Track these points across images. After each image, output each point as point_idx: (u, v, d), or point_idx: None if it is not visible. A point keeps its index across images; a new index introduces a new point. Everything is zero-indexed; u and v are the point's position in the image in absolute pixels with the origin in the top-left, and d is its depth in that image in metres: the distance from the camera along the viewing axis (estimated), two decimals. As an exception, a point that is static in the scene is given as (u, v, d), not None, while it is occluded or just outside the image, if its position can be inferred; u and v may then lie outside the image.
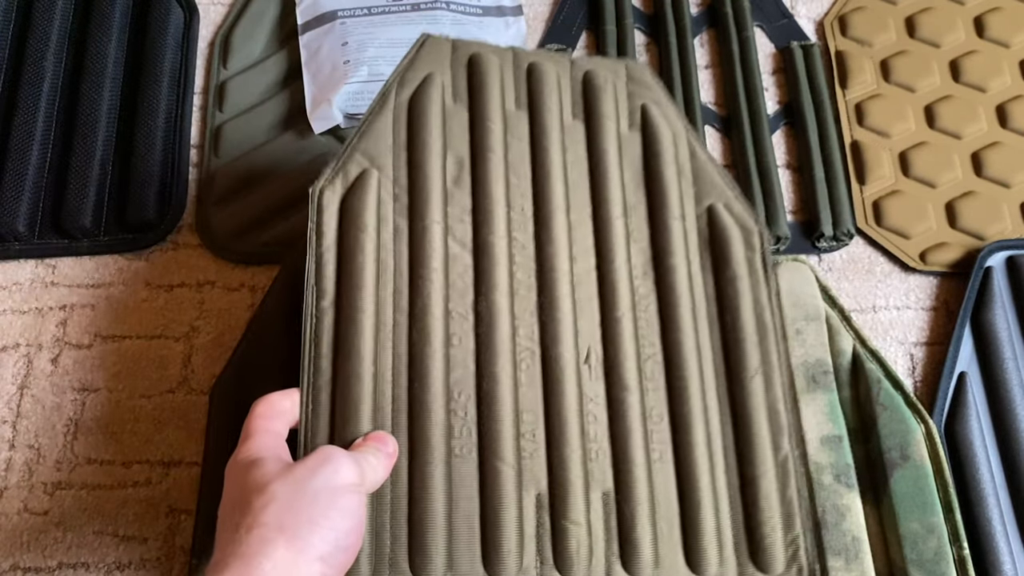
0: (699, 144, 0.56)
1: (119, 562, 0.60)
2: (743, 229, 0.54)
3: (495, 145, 0.53)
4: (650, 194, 0.55)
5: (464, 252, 0.51)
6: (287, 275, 0.66)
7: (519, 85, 0.56)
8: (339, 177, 0.51)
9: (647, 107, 0.57)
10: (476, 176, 0.53)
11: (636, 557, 0.47)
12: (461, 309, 0.50)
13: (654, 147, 0.55)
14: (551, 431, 0.48)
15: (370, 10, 0.79)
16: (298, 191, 0.72)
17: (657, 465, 0.49)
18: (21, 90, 0.75)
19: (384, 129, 0.53)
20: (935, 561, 0.56)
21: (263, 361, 0.63)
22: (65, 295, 0.69)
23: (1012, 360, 0.64)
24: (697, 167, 0.56)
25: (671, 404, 0.50)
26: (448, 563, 0.45)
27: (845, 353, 0.64)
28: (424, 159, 0.52)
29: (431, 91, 0.54)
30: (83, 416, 0.64)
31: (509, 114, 0.55)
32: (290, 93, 0.77)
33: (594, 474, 0.48)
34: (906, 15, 0.81)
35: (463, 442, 0.47)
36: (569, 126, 0.56)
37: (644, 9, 0.83)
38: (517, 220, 0.52)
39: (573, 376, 0.49)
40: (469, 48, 0.56)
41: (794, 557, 0.48)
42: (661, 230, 0.53)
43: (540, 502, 0.47)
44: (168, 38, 0.79)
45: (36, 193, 0.72)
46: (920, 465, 0.59)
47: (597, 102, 0.56)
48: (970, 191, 0.72)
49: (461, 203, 0.52)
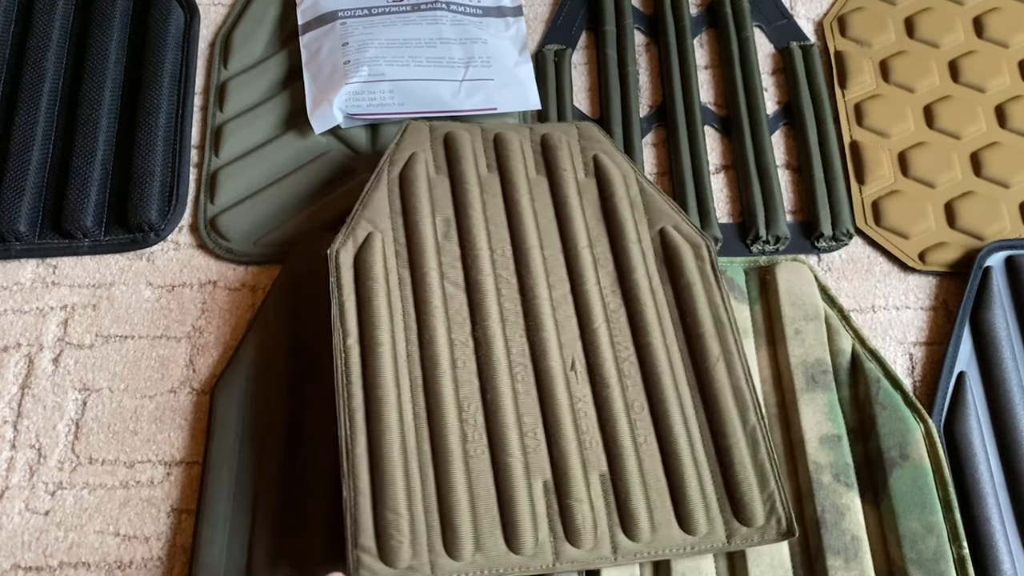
0: (646, 180, 0.67)
1: (120, 562, 0.60)
2: (692, 245, 0.64)
3: (474, 203, 0.64)
4: (609, 226, 0.65)
5: (458, 291, 0.61)
6: (288, 275, 0.67)
7: (488, 152, 0.67)
8: (350, 239, 0.62)
9: (598, 156, 0.67)
10: (461, 229, 0.63)
11: (634, 525, 0.55)
12: (462, 338, 0.59)
13: (608, 188, 0.66)
14: (549, 428, 0.57)
15: (370, 10, 0.80)
16: (299, 191, 0.72)
17: (643, 447, 0.57)
18: (22, 90, 0.75)
19: (382, 200, 0.64)
20: (934, 560, 0.56)
21: (264, 361, 0.63)
22: (66, 295, 0.69)
23: (1011, 360, 0.64)
24: (647, 199, 0.66)
25: (649, 395, 0.59)
26: (476, 544, 0.53)
27: (844, 353, 0.64)
28: (417, 220, 0.63)
29: (417, 166, 0.65)
30: (84, 416, 0.65)
31: (483, 177, 0.66)
32: (290, 93, 0.77)
33: (590, 460, 0.56)
34: (905, 15, 0.81)
35: (476, 444, 0.56)
36: (534, 180, 0.66)
37: (644, 9, 0.83)
38: (500, 260, 0.62)
39: (562, 382, 0.58)
40: (444, 128, 0.68)
41: (772, 510, 0.56)
42: (622, 254, 0.63)
43: (547, 487, 0.56)
44: (169, 38, 0.79)
45: (37, 193, 0.72)
46: (919, 464, 0.59)
47: (555, 158, 0.67)
48: (969, 191, 0.72)
49: (451, 252, 0.62)
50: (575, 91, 0.79)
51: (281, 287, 0.66)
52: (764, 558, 0.57)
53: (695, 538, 0.55)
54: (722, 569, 0.58)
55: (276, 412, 0.61)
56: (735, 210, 0.73)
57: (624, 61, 0.79)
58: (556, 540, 0.54)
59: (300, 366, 0.63)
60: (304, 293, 0.65)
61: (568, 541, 0.54)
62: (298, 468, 0.60)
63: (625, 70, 0.78)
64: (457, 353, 0.59)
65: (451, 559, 0.53)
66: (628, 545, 0.54)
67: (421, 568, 0.52)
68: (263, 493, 0.59)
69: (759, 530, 0.55)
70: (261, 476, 0.59)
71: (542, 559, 0.54)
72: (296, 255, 0.67)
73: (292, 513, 0.58)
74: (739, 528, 0.55)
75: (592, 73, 0.80)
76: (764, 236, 0.70)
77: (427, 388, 0.57)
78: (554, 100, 0.77)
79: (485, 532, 0.54)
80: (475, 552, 0.53)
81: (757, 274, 0.68)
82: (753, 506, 0.55)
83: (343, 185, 0.72)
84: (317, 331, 0.61)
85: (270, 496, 0.59)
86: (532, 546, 0.54)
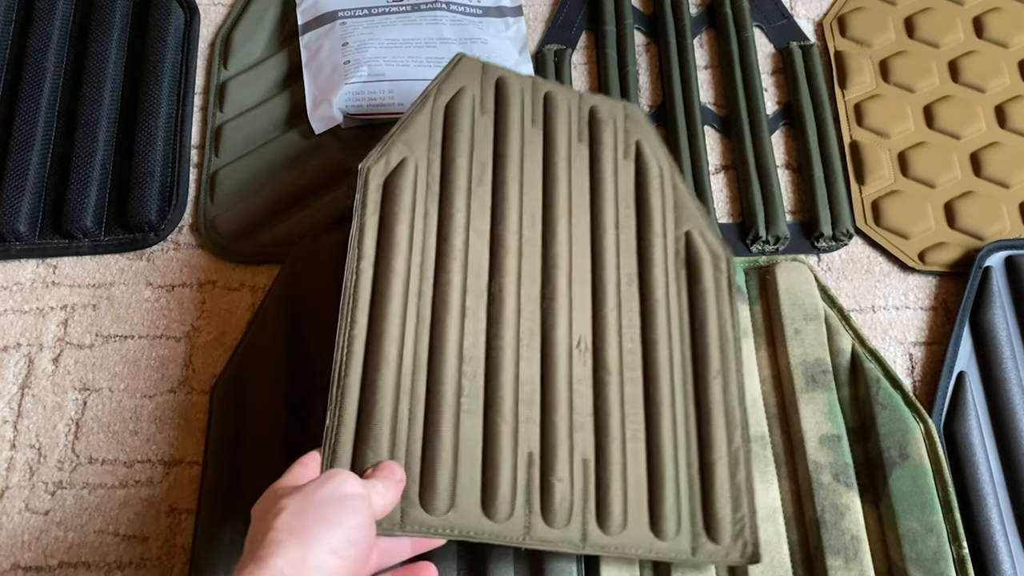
0: (680, 179, 0.65)
1: (120, 561, 0.60)
2: (713, 255, 0.63)
3: (513, 153, 0.61)
4: (639, 215, 0.63)
5: (481, 240, 0.58)
6: (288, 275, 0.67)
7: (536, 107, 0.64)
8: (383, 159, 0.59)
9: (640, 143, 0.65)
10: (496, 179, 0.61)
11: (608, 517, 0.54)
12: (477, 287, 0.57)
13: (644, 176, 0.64)
14: (545, 400, 0.56)
15: (370, 11, 0.80)
16: (298, 191, 0.72)
17: (631, 443, 0.56)
18: (22, 90, 0.75)
19: (423, 126, 0.60)
20: (934, 560, 0.56)
21: (263, 361, 0.63)
22: (66, 295, 0.69)
23: (1011, 359, 0.64)
24: (678, 199, 0.64)
25: (646, 392, 0.58)
26: (452, 501, 0.51)
27: (844, 353, 0.64)
28: (454, 156, 0.60)
29: (464, 101, 0.62)
30: (84, 416, 0.65)
31: (527, 129, 0.63)
32: (290, 93, 0.77)
33: (578, 443, 0.55)
34: (905, 15, 0.81)
35: (471, 400, 0.54)
36: (576, 147, 0.64)
37: (644, 10, 0.83)
38: (527, 221, 0.60)
39: (566, 357, 0.57)
40: (497, 71, 0.65)
41: (740, 532, 0.56)
42: (646, 246, 0.62)
43: (531, 459, 0.54)
44: (169, 38, 0.79)
45: (37, 193, 0.72)
46: (919, 464, 0.59)
47: (600, 132, 0.65)
48: (969, 191, 0.72)
49: (482, 199, 0.60)
50: (575, 91, 0.79)
51: (281, 287, 0.66)
52: (764, 557, 0.57)
53: (663, 543, 0.54)
54: (722, 569, 0.58)
55: (275, 411, 0.61)
56: (735, 210, 0.73)
57: (624, 61, 0.79)
58: (531, 515, 0.53)
59: (300, 366, 0.63)
60: (304, 293, 0.65)
61: (542, 518, 0.53)
62: (298, 468, 0.60)
63: (625, 70, 0.78)
64: (469, 302, 0.56)
65: (423, 511, 0.50)
66: (597, 536, 0.53)
67: (391, 514, 0.50)
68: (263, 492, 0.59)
69: (724, 548, 0.55)
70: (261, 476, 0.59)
71: (513, 531, 0.52)
72: (296, 255, 0.67)
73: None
74: (706, 543, 0.55)
75: (592, 73, 0.80)
76: (764, 236, 0.70)
77: (433, 330, 0.55)
78: (554, 100, 0.77)
79: (463, 491, 0.52)
80: (449, 509, 0.51)
81: (757, 274, 0.68)
82: (723, 524, 0.55)
83: (343, 185, 0.72)
84: (317, 331, 0.61)
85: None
86: (507, 514, 0.52)
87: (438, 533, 0.50)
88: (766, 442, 0.62)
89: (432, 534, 0.50)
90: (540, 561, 0.57)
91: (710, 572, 0.57)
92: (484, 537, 0.51)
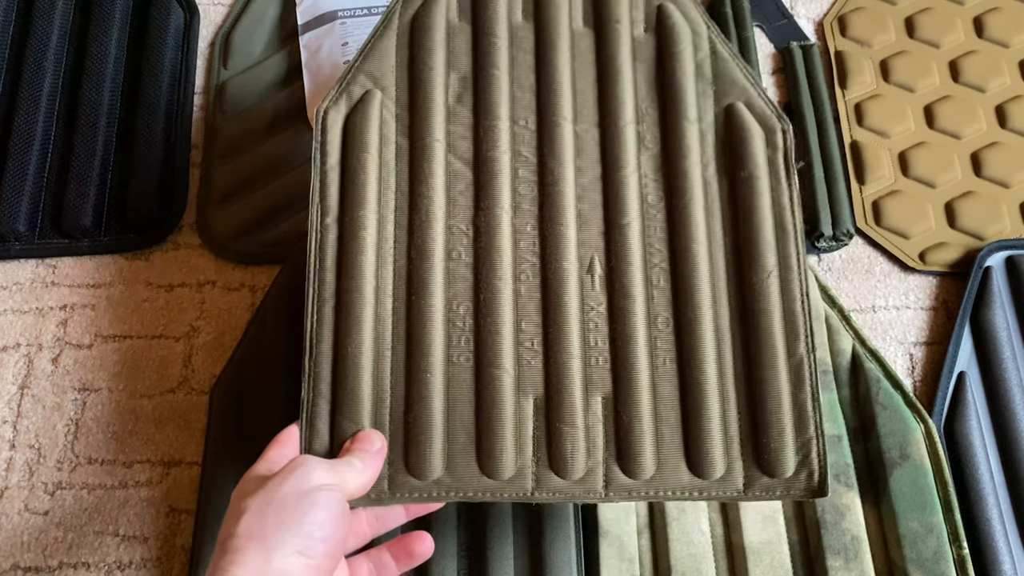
0: (722, 42, 0.54)
1: (119, 562, 0.60)
2: (765, 127, 0.52)
3: (499, 60, 0.53)
4: (664, 98, 0.53)
5: (465, 168, 0.52)
6: (287, 275, 0.66)
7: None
8: (343, 98, 0.52)
9: (664, 7, 0.54)
10: (479, 93, 0.53)
11: (634, 460, 0.47)
12: (462, 225, 0.51)
13: (670, 48, 0.53)
14: (550, 340, 0.49)
15: (370, 10, 0.80)
16: (298, 191, 0.72)
17: (661, 370, 0.49)
18: (21, 90, 0.75)
19: (387, 49, 0.53)
20: (934, 560, 0.56)
21: (263, 361, 0.63)
22: (66, 295, 0.69)
23: (1011, 360, 0.64)
24: (718, 66, 0.53)
25: (677, 309, 0.49)
26: (445, 462, 0.47)
27: (844, 353, 0.64)
28: (426, 77, 0.52)
29: (435, 10, 0.54)
30: (83, 416, 0.65)
31: (515, 27, 0.54)
32: (290, 93, 0.77)
33: (593, 380, 0.49)
34: (906, 15, 0.81)
35: (461, 351, 0.49)
36: (579, 34, 0.54)
37: (644, 9, 0.83)
38: (520, 134, 0.52)
39: (575, 286, 0.50)
40: None
41: (804, 461, 0.47)
42: (675, 134, 0.52)
43: (537, 406, 0.48)
44: (168, 38, 0.79)
45: (37, 193, 0.72)
46: (919, 465, 0.59)
47: (608, 7, 0.54)
48: (969, 191, 0.72)
49: (463, 120, 0.52)
50: (575, 91, 0.79)
51: (280, 287, 0.66)
52: (764, 558, 0.57)
53: (705, 482, 0.47)
54: (722, 569, 0.57)
55: (276, 412, 0.61)
56: (735, 210, 0.73)
57: (624, 61, 0.78)
58: (539, 467, 0.47)
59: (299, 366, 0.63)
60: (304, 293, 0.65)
61: (552, 469, 0.47)
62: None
63: (625, 70, 0.78)
64: (453, 242, 0.50)
65: (413, 477, 0.47)
66: (623, 481, 0.47)
67: (378, 483, 0.46)
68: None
69: (784, 482, 0.47)
70: (260, 476, 0.59)
71: (519, 486, 0.47)
72: (296, 255, 0.67)
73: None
74: (760, 477, 0.47)
75: (592, 73, 0.80)
76: (764, 236, 0.70)
77: (411, 280, 0.49)
78: (554, 100, 0.77)
79: (458, 451, 0.47)
80: (443, 471, 0.47)
81: (757, 274, 0.68)
82: (782, 453, 0.47)
83: (343, 185, 0.72)
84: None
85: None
86: (511, 469, 0.47)
87: (432, 497, 0.47)
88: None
89: (425, 499, 0.47)
90: (540, 557, 0.56)
91: (709, 568, 0.57)
92: (487, 496, 0.47)
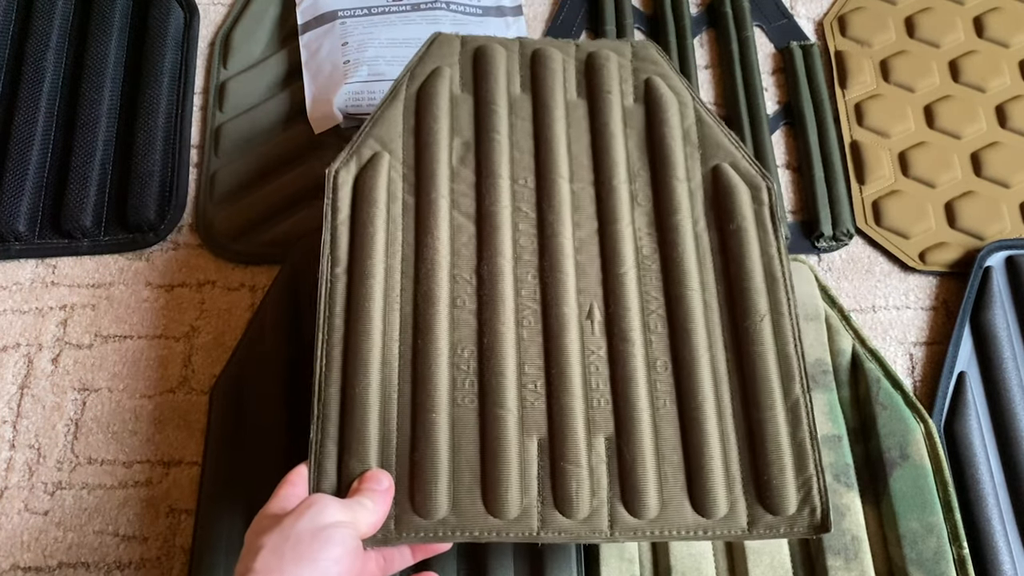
0: (707, 111, 0.58)
1: (119, 562, 0.60)
2: (751, 185, 0.55)
3: (499, 126, 0.57)
4: (654, 161, 0.57)
5: (469, 223, 0.55)
6: (287, 275, 0.66)
7: (524, 70, 0.60)
8: (353, 159, 0.55)
9: (652, 80, 0.59)
10: (480, 154, 0.56)
11: (638, 499, 0.48)
12: (465, 274, 0.53)
13: (659, 116, 0.58)
14: (552, 382, 0.51)
15: (370, 10, 0.80)
16: (298, 191, 0.72)
17: (662, 411, 0.50)
18: (21, 90, 0.75)
19: (395, 117, 0.57)
20: (934, 560, 0.56)
21: (263, 361, 0.63)
22: (65, 295, 0.69)
23: (1011, 360, 0.64)
24: (703, 132, 0.57)
25: (675, 353, 0.51)
26: (451, 502, 0.48)
27: (844, 353, 0.64)
28: (431, 141, 0.56)
29: (439, 82, 0.58)
30: (83, 416, 0.64)
31: (514, 97, 0.59)
32: (290, 93, 0.77)
33: (596, 421, 0.50)
34: (906, 15, 0.81)
35: (465, 393, 0.50)
36: (573, 103, 0.59)
37: (644, 9, 0.83)
38: (520, 192, 0.56)
39: (575, 331, 0.52)
40: (477, 42, 0.60)
41: (806, 498, 0.48)
42: (666, 192, 0.55)
43: (542, 446, 0.50)
44: (168, 38, 0.79)
45: (36, 193, 0.72)
46: (919, 464, 0.59)
47: (600, 79, 0.59)
48: (969, 191, 0.72)
49: (466, 180, 0.56)
50: (575, 91, 0.79)
51: (280, 287, 0.66)
52: (764, 558, 0.57)
53: (709, 521, 0.48)
54: (722, 569, 0.57)
55: (275, 411, 0.61)
56: (735, 210, 0.73)
57: (624, 61, 0.79)
58: (544, 506, 0.48)
59: (299, 366, 0.63)
60: (304, 293, 0.65)
61: (557, 509, 0.48)
62: (297, 468, 0.59)
63: (625, 70, 0.78)
64: (457, 291, 0.52)
65: (419, 516, 0.47)
66: (628, 520, 0.48)
67: (384, 523, 0.47)
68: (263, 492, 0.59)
69: (788, 520, 0.47)
70: (261, 476, 0.59)
71: (525, 525, 0.47)
72: (296, 255, 0.67)
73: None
74: (764, 515, 0.48)
75: (592, 73, 0.80)
76: (764, 236, 0.70)
77: (417, 325, 0.51)
78: (554, 100, 0.77)
79: (463, 490, 0.48)
80: (448, 511, 0.48)
81: (757, 274, 0.68)
82: (784, 491, 0.48)
83: (343, 185, 0.72)
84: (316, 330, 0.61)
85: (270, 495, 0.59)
86: (516, 510, 0.48)
87: (438, 537, 0.48)
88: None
89: (431, 539, 0.48)
90: (540, 562, 0.57)
91: (709, 568, 0.57)
92: (492, 536, 0.47)
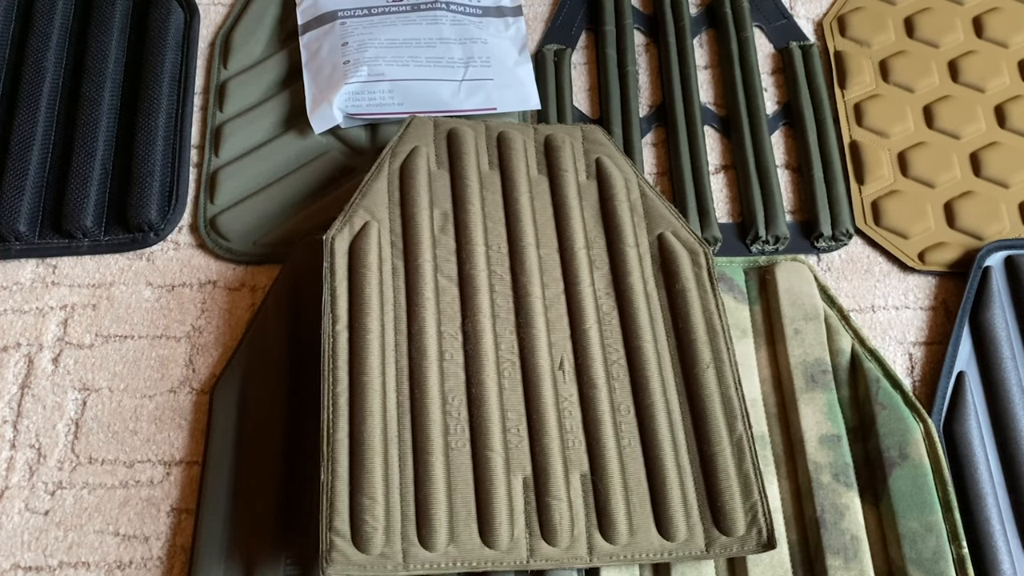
0: (648, 186, 0.67)
1: (120, 561, 0.60)
2: (690, 251, 0.64)
3: (473, 199, 0.64)
4: (608, 229, 0.65)
5: (451, 284, 0.61)
6: (288, 275, 0.67)
7: (491, 150, 0.68)
8: (346, 227, 0.62)
9: (601, 160, 0.67)
10: (458, 224, 0.63)
11: (612, 527, 0.55)
12: (451, 330, 0.59)
13: (609, 191, 0.66)
14: (532, 426, 0.57)
15: (370, 10, 0.80)
16: (299, 191, 0.72)
17: (627, 450, 0.57)
18: (22, 90, 0.75)
19: (381, 190, 0.64)
20: (934, 560, 0.56)
21: (264, 361, 0.63)
22: (66, 295, 0.69)
23: (1011, 360, 0.64)
24: (647, 205, 0.66)
25: (636, 398, 0.59)
26: (450, 536, 0.54)
27: (844, 352, 0.64)
28: (414, 212, 0.63)
29: (418, 160, 0.65)
30: (84, 416, 0.65)
31: (484, 174, 0.66)
32: (290, 93, 0.77)
33: (572, 459, 0.57)
34: (905, 15, 0.81)
35: (458, 437, 0.56)
36: (535, 179, 0.67)
37: (643, 9, 0.83)
38: (495, 256, 0.63)
39: (549, 380, 0.59)
40: (448, 124, 0.68)
41: (753, 520, 0.55)
42: (619, 257, 0.63)
43: (527, 483, 0.56)
44: (168, 38, 0.79)
45: (37, 193, 0.72)
46: (919, 464, 0.59)
47: (557, 159, 0.67)
48: (969, 191, 0.72)
49: (447, 246, 0.63)
50: (575, 91, 0.79)
51: (281, 287, 0.66)
52: (764, 558, 0.57)
53: (673, 544, 0.55)
54: (722, 569, 0.58)
55: (275, 411, 0.61)
56: (735, 210, 0.73)
57: (624, 61, 0.79)
58: (532, 537, 0.54)
59: (299, 366, 0.63)
60: (304, 293, 0.65)
61: (544, 539, 0.54)
62: (297, 467, 0.60)
63: (625, 70, 0.78)
64: (445, 345, 0.59)
65: (424, 549, 0.53)
66: (604, 547, 0.55)
67: (393, 556, 0.52)
68: (263, 493, 0.59)
69: (739, 539, 0.55)
70: (261, 476, 0.59)
71: (516, 555, 0.54)
72: (296, 255, 0.67)
73: (292, 512, 0.58)
74: (719, 536, 0.55)
75: (592, 73, 0.80)
76: (764, 236, 0.70)
77: (412, 378, 0.57)
78: (554, 100, 0.77)
79: (460, 525, 0.54)
80: (448, 544, 0.53)
81: (757, 274, 0.68)
82: (734, 515, 0.55)
83: (343, 185, 0.72)
84: (316, 331, 0.61)
85: (270, 495, 0.59)
86: (507, 541, 0.54)
87: (441, 568, 0.53)
88: (766, 442, 0.62)
89: (435, 570, 0.53)
90: None
91: (709, 569, 0.57)
92: (489, 565, 0.54)
